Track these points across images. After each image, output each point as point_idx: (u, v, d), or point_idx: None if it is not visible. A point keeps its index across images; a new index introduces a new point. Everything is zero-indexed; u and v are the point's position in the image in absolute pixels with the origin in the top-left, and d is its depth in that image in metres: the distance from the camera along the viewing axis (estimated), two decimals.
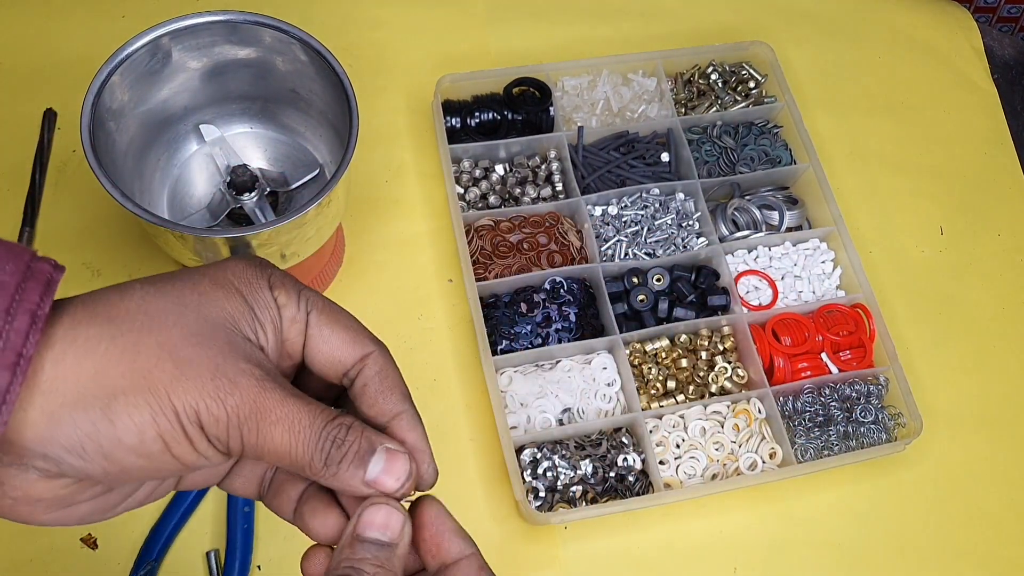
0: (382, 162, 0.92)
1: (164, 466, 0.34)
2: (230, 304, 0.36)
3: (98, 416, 0.32)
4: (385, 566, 0.36)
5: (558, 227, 0.88)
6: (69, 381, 0.32)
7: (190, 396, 0.33)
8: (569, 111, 0.94)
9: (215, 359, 0.34)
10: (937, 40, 1.08)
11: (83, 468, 0.33)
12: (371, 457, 0.36)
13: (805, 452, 0.81)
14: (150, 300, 0.35)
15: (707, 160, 0.94)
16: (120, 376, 0.33)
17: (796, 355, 0.84)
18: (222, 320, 0.35)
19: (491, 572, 0.40)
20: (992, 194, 1.00)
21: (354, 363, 0.39)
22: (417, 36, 1.00)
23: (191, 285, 0.36)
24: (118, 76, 0.68)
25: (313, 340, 0.38)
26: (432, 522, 0.40)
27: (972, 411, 0.88)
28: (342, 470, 0.36)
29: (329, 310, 0.39)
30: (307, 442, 0.35)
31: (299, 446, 0.35)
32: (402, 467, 0.37)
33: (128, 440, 0.33)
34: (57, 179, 0.86)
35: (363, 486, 0.36)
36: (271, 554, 0.75)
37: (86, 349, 0.33)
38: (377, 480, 0.36)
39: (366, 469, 0.36)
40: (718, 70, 0.98)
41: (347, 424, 0.36)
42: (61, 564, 0.73)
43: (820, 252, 0.90)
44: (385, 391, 0.38)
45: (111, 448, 0.33)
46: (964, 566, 0.81)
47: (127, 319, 0.34)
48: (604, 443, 0.79)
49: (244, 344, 0.35)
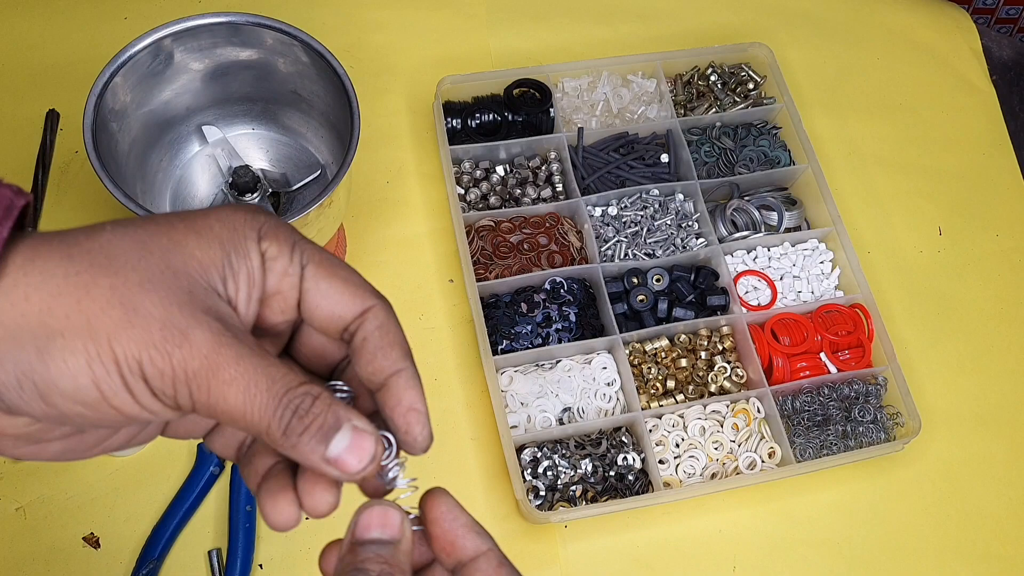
0: (383, 163, 0.92)
1: (106, 416, 0.32)
2: (202, 252, 0.33)
3: (33, 355, 0.31)
4: (390, 562, 0.34)
5: (558, 228, 0.88)
6: (14, 314, 0.30)
7: (133, 345, 0.31)
8: (569, 112, 0.95)
9: (168, 308, 0.32)
10: (936, 41, 1.08)
11: (24, 407, 0.31)
12: (336, 434, 0.33)
13: (804, 451, 0.81)
14: (115, 242, 0.33)
15: (706, 161, 0.94)
16: (64, 316, 0.31)
17: (795, 355, 0.85)
18: (187, 268, 0.33)
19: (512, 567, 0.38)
20: (990, 194, 1.00)
21: (354, 318, 0.36)
22: (418, 38, 1.00)
23: (165, 229, 0.34)
24: (120, 77, 0.68)
25: (310, 294, 0.36)
26: (443, 517, 0.38)
27: (970, 410, 0.88)
28: (302, 442, 0.33)
29: (328, 263, 0.36)
30: (263, 407, 0.32)
31: (255, 410, 0.32)
32: (368, 447, 0.33)
33: (62, 384, 0.31)
34: (59, 180, 0.87)
35: (323, 463, 0.33)
36: (273, 553, 0.75)
37: (38, 284, 0.31)
38: (339, 459, 0.33)
39: (328, 445, 0.33)
40: (717, 71, 0.98)
41: (313, 394, 0.33)
42: (63, 563, 0.73)
43: (819, 252, 0.91)
44: (385, 347, 0.36)
45: (46, 391, 0.31)
46: (962, 565, 0.81)
47: (86, 258, 0.32)
48: (604, 442, 0.79)
49: (207, 295, 0.33)
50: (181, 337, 0.31)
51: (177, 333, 0.31)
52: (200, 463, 0.75)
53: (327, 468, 0.33)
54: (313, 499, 0.35)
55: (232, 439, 0.38)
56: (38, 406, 0.31)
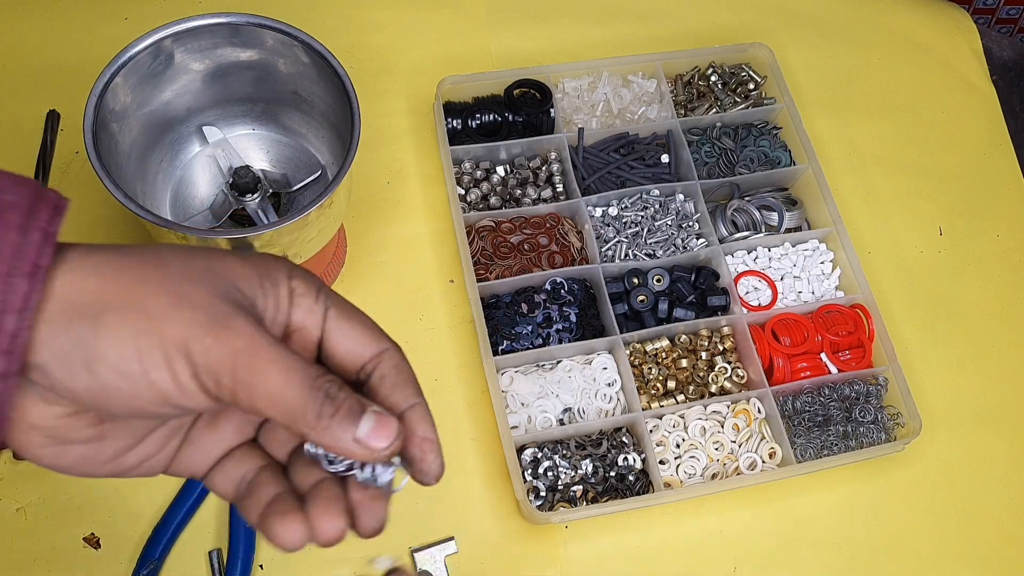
0: (383, 163, 0.92)
1: (142, 394, 0.34)
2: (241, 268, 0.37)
3: (86, 327, 0.33)
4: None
5: (559, 228, 0.88)
6: (72, 292, 0.33)
7: (180, 326, 0.34)
8: (569, 113, 0.95)
9: (212, 299, 0.35)
10: (936, 41, 1.08)
11: (67, 381, 0.33)
12: (362, 416, 0.36)
13: (804, 452, 0.81)
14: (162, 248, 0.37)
15: (707, 161, 0.94)
16: (116, 295, 0.34)
17: (795, 355, 0.85)
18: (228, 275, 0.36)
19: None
20: (991, 195, 1.00)
21: (372, 357, 0.40)
22: (418, 38, 1.00)
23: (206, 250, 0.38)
24: (121, 78, 0.68)
25: (332, 334, 0.39)
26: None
27: (971, 411, 0.88)
28: (335, 424, 0.36)
29: (348, 308, 0.40)
30: (300, 388, 0.35)
31: (292, 392, 0.35)
32: (391, 429, 0.37)
33: (108, 354, 0.33)
34: (60, 181, 0.87)
35: (353, 443, 0.36)
36: (273, 554, 0.75)
37: (93, 270, 0.34)
38: (367, 438, 0.36)
39: (357, 426, 0.36)
40: (718, 72, 0.98)
41: (337, 382, 0.37)
42: (64, 563, 0.73)
43: (819, 253, 0.91)
44: (401, 383, 0.39)
45: (92, 360, 0.33)
46: (962, 565, 0.81)
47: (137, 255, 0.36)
48: (604, 443, 0.79)
49: (244, 299, 0.36)
50: (226, 321, 0.35)
51: (222, 318, 0.35)
52: None
53: (357, 448, 0.36)
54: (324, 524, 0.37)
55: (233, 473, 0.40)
56: (82, 378, 0.33)
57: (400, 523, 0.77)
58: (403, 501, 0.78)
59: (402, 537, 0.77)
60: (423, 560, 0.76)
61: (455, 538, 0.77)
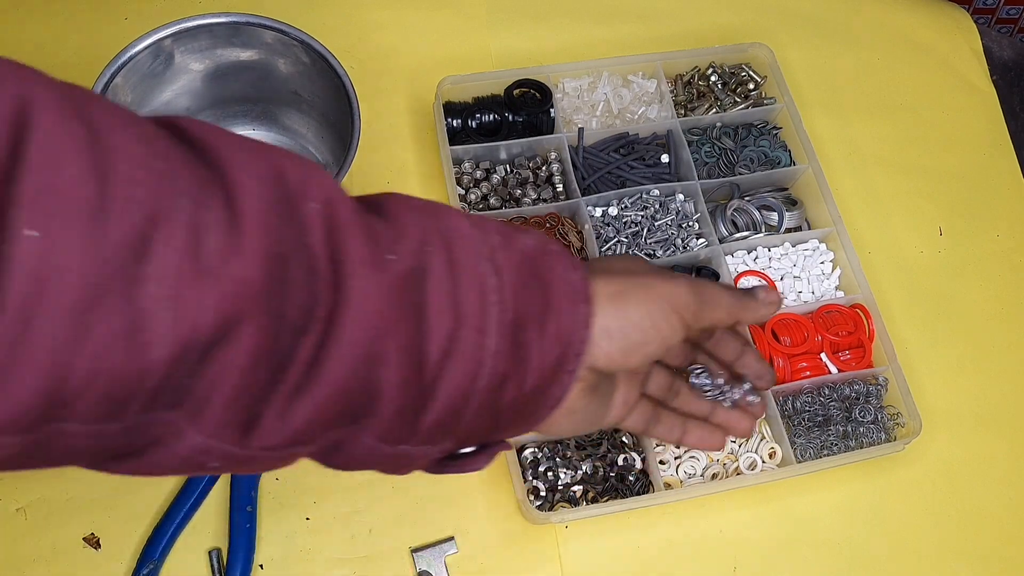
0: (384, 163, 0.92)
1: (653, 339, 0.47)
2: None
3: (617, 306, 0.46)
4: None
5: (559, 228, 0.88)
6: (603, 291, 0.46)
7: (669, 289, 0.48)
8: (569, 113, 0.95)
9: (678, 275, 0.51)
10: (936, 41, 1.08)
11: (607, 350, 0.45)
12: (756, 297, 0.52)
13: (804, 452, 0.81)
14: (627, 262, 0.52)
15: (707, 161, 0.94)
16: (626, 284, 0.47)
17: (796, 355, 0.85)
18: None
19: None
20: (991, 195, 1.00)
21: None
22: (418, 38, 1.00)
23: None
24: (121, 78, 0.68)
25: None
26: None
27: (971, 411, 0.88)
28: (752, 305, 0.51)
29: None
30: (731, 295, 0.51)
31: (730, 297, 0.50)
32: (776, 292, 0.53)
33: (634, 316, 0.46)
34: None
35: (765, 308, 0.52)
36: (273, 553, 0.75)
37: (602, 278, 0.47)
38: (764, 303, 0.52)
39: (758, 302, 0.51)
40: (718, 72, 0.98)
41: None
42: (64, 564, 0.73)
43: (819, 253, 0.91)
44: (734, 338, 0.57)
45: (620, 329, 0.45)
46: (963, 565, 0.81)
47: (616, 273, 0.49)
48: (604, 443, 0.79)
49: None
50: (686, 281, 0.49)
51: (684, 281, 0.49)
52: None
53: (767, 309, 0.52)
54: (738, 423, 0.56)
55: (644, 412, 0.54)
56: (617, 344, 0.45)
57: (400, 523, 0.77)
58: (404, 501, 0.78)
59: (402, 537, 0.77)
60: (423, 560, 0.76)
61: (455, 538, 0.77)
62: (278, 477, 0.77)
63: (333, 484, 0.77)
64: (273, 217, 0.35)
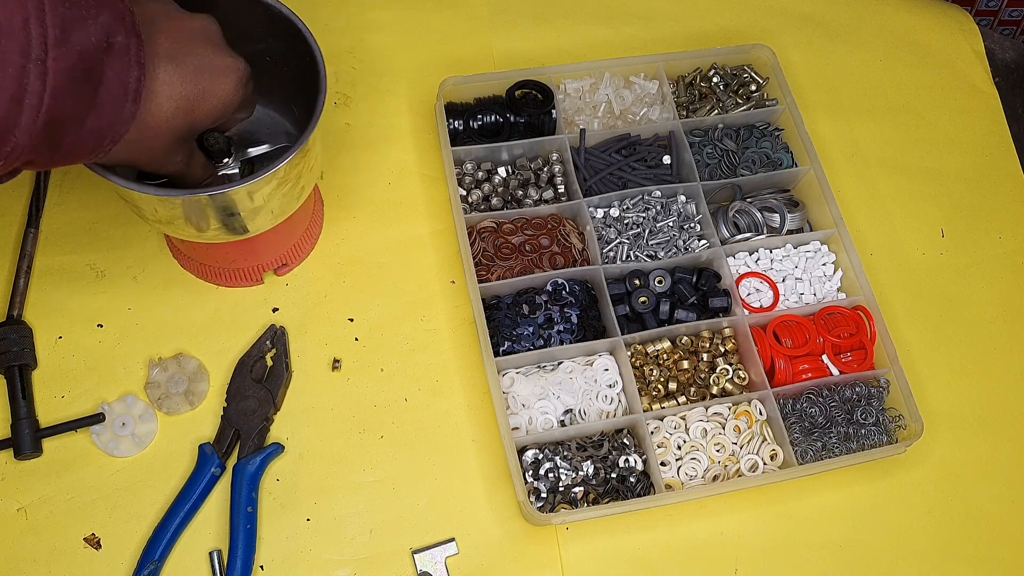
0: (385, 164, 0.92)
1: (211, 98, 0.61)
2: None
3: (179, 66, 0.58)
4: None
5: (560, 229, 0.88)
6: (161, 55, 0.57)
7: (229, 60, 0.62)
8: (571, 114, 0.95)
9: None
10: (938, 43, 1.08)
11: (169, 108, 0.57)
12: None
13: (806, 454, 0.81)
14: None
15: (708, 163, 0.94)
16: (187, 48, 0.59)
17: (797, 357, 0.85)
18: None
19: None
20: (993, 197, 1.00)
21: None
22: (420, 39, 1.00)
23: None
24: None
25: None
26: None
27: (973, 413, 0.88)
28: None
29: None
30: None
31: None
32: None
33: (196, 78, 0.59)
34: (61, 181, 0.87)
35: None
36: (274, 554, 0.75)
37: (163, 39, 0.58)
38: None
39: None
40: (719, 73, 0.98)
41: None
42: (65, 564, 0.73)
43: (821, 254, 0.91)
44: None
45: (188, 88, 0.59)
46: (964, 567, 0.81)
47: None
48: (605, 444, 0.79)
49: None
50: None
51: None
52: (201, 464, 0.75)
53: None
54: None
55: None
56: (175, 101, 0.58)
57: (401, 524, 0.77)
58: (404, 502, 0.78)
59: (403, 538, 0.77)
60: (424, 561, 0.76)
61: (456, 539, 0.77)
62: (279, 478, 0.77)
63: (334, 485, 0.77)
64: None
